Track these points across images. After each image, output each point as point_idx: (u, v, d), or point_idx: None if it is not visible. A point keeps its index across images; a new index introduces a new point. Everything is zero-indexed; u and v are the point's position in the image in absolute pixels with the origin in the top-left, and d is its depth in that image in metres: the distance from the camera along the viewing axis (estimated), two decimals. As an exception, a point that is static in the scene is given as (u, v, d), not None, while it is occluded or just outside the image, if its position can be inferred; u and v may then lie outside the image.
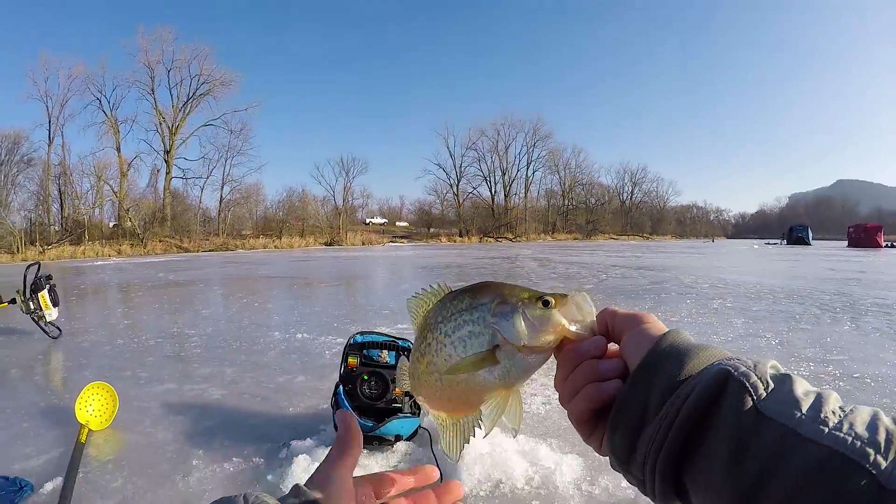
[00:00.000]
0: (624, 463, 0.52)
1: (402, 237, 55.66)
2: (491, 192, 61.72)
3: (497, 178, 62.15)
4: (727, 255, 24.71)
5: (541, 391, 3.98)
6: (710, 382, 0.46)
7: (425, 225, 61.50)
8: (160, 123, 46.95)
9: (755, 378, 0.45)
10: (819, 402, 0.42)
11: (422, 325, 0.66)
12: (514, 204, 62.45)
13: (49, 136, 42.01)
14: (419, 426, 3.05)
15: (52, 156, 42.23)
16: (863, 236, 32.40)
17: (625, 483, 2.69)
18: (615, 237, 62.74)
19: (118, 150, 44.87)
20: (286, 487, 2.59)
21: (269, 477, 2.73)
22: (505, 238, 54.55)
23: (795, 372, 0.47)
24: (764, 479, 0.40)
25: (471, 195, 62.15)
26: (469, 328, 0.60)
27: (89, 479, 2.71)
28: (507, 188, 62.27)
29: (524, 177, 63.79)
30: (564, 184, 65.79)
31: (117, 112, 45.57)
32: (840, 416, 0.40)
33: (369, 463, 2.86)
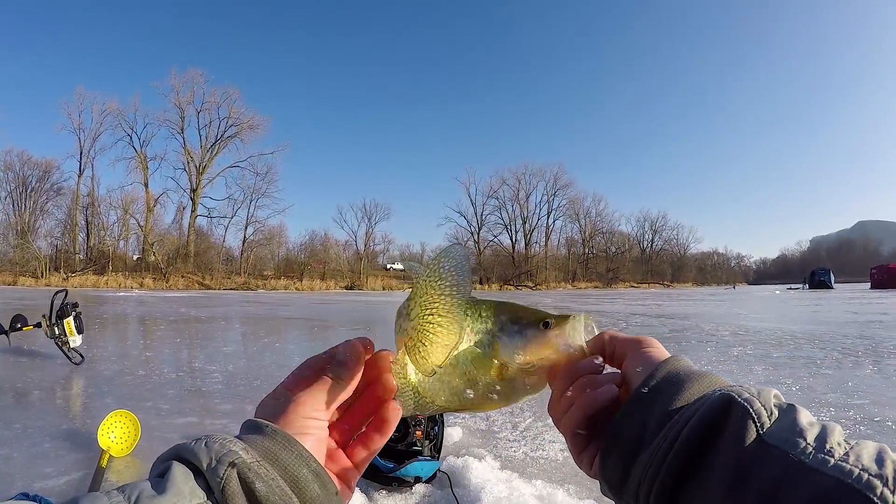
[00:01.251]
0: (615, 489, 0.51)
1: (422, 284, 55.30)
2: (511, 240, 62.13)
3: (518, 226, 62.63)
4: (748, 301, 24.46)
5: (559, 437, 3.97)
6: (712, 407, 0.45)
7: (446, 273, 61.37)
8: (188, 162, 48.27)
9: (759, 405, 0.45)
10: (824, 433, 0.42)
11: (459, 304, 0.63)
12: (535, 252, 62.63)
13: (79, 168, 43.50)
14: (438, 469, 3.07)
15: (82, 187, 43.70)
16: (886, 277, 31.81)
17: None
18: (635, 285, 62.12)
19: (146, 185, 46.25)
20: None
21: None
22: (525, 286, 54.32)
23: (814, 415, 0.51)
24: None
25: (491, 243, 62.52)
26: (486, 336, 0.61)
27: None
28: (528, 236, 62.63)
29: (545, 225, 64.19)
30: (585, 232, 65.89)
31: (147, 149, 47.14)
32: (846, 448, 0.40)
33: (387, 503, 2.89)
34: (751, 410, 0.44)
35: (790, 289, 39.52)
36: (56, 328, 6.04)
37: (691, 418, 0.46)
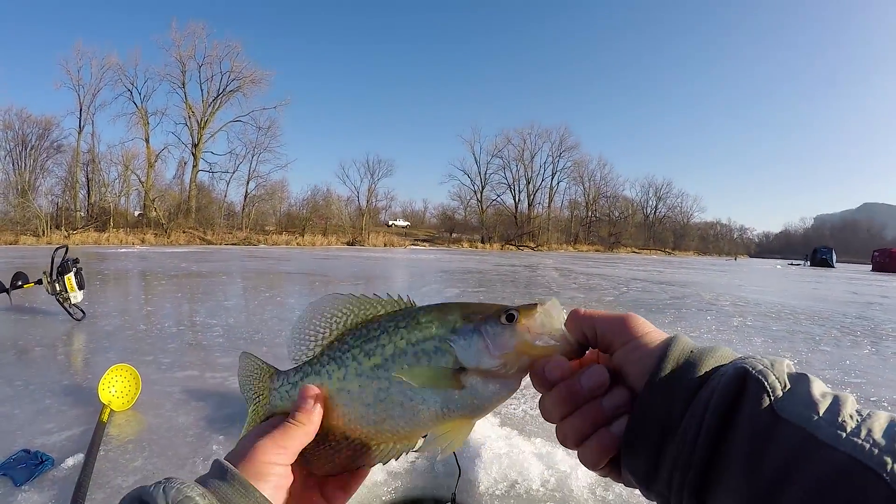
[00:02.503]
0: (644, 482, 0.49)
1: (423, 241, 55.59)
2: (514, 200, 61.57)
3: (521, 186, 62.07)
4: (749, 273, 24.44)
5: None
6: (729, 382, 0.45)
7: (447, 230, 61.50)
8: (189, 117, 47.49)
9: (773, 378, 0.44)
10: (836, 404, 0.41)
11: (366, 323, 0.62)
12: (538, 213, 62.26)
13: (79, 124, 42.73)
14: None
15: (82, 143, 42.96)
16: (888, 261, 31.65)
17: (638, 491, 2.70)
18: (637, 251, 62.16)
19: (147, 141, 45.53)
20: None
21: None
22: (527, 246, 54.33)
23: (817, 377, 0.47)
24: (779, 484, 0.39)
25: (494, 202, 62.06)
26: (433, 343, 0.55)
27: (110, 457, 2.75)
28: (531, 197, 62.07)
29: (548, 186, 63.62)
30: (588, 195, 65.38)
31: (148, 104, 46.29)
32: (857, 421, 0.40)
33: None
34: (766, 384, 0.44)
35: (791, 264, 39.54)
36: (57, 284, 6.06)
37: (710, 399, 0.45)
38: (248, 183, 50.04)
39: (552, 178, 63.50)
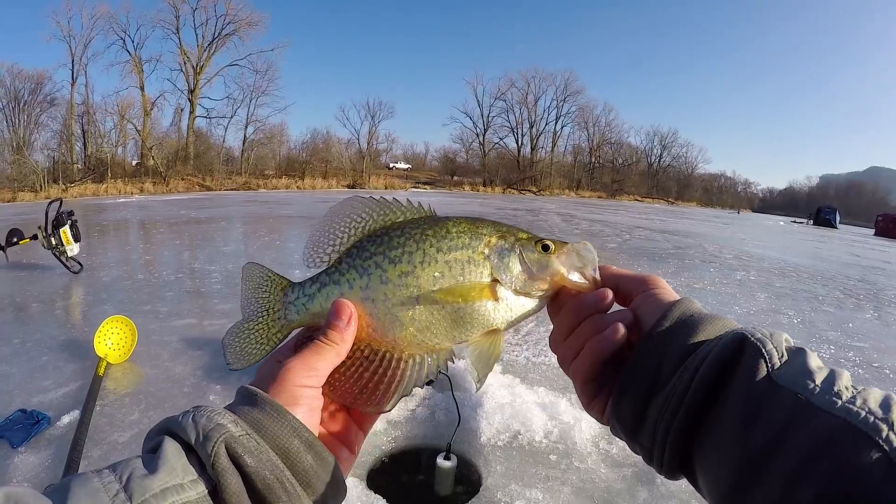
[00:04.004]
0: (630, 431, 0.51)
1: (425, 183, 55.17)
2: (517, 143, 60.47)
3: (524, 130, 60.83)
4: (752, 228, 24.34)
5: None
6: (726, 346, 0.46)
7: (449, 173, 61.00)
8: (185, 63, 46.31)
9: (771, 346, 0.46)
10: (832, 376, 0.42)
11: (386, 229, 0.60)
12: (540, 157, 61.38)
13: (72, 76, 41.69)
14: (439, 371, 3.03)
15: (76, 95, 41.98)
16: (891, 226, 31.32)
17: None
18: (640, 199, 61.65)
19: (142, 89, 44.50)
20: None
21: (288, 416, 2.77)
22: (529, 191, 53.90)
23: (814, 351, 0.45)
24: (773, 446, 0.40)
25: (497, 146, 61.08)
26: (467, 253, 0.55)
27: (105, 412, 2.74)
28: (534, 141, 60.94)
29: (552, 131, 62.34)
30: (592, 141, 64.28)
31: (141, 51, 45.04)
32: (853, 392, 0.41)
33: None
34: (763, 351, 0.45)
35: (795, 222, 39.19)
36: (52, 238, 5.93)
37: (706, 358, 0.46)
38: (246, 127, 49.21)
39: (556, 123, 62.35)
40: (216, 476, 0.43)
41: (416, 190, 46.04)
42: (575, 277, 0.55)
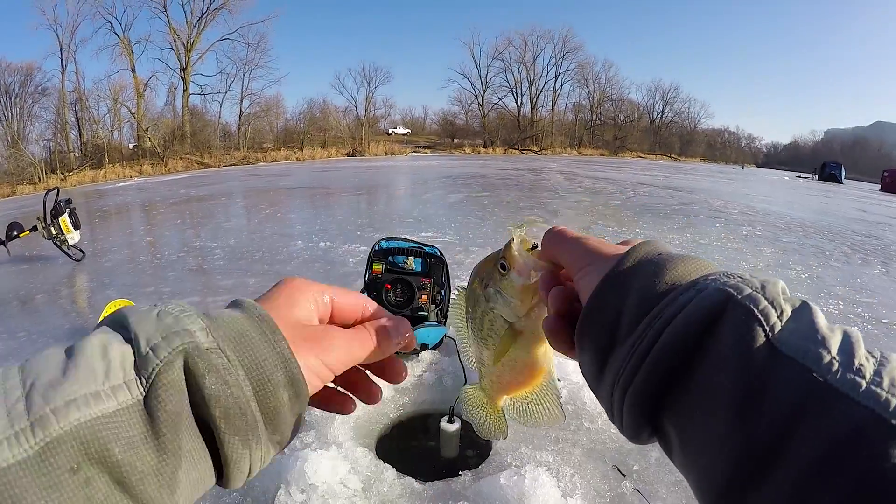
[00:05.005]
0: (591, 385, 0.43)
1: (425, 147, 54.60)
2: (517, 103, 59.46)
3: (523, 89, 59.69)
4: (757, 183, 24.13)
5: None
6: (702, 305, 0.35)
7: (449, 135, 60.39)
8: (175, 41, 45.26)
9: (765, 303, 0.34)
10: (848, 342, 0.32)
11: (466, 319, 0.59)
12: (541, 116, 60.53)
13: (62, 64, 40.90)
14: (445, 335, 3.00)
15: (67, 83, 41.25)
16: None
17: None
18: (642, 156, 60.99)
19: (133, 71, 43.63)
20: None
21: (294, 389, 2.77)
22: (530, 150, 53.40)
23: (821, 307, 0.32)
24: (784, 439, 0.30)
25: (496, 106, 60.07)
26: (488, 317, 0.54)
27: None
28: (534, 100, 59.82)
29: (552, 89, 61.20)
30: (593, 98, 63.07)
31: (130, 33, 44.00)
32: (875, 365, 0.30)
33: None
34: (755, 312, 0.33)
35: (799, 177, 38.62)
36: (52, 228, 5.88)
37: (677, 315, 0.35)
38: (241, 101, 48.35)
39: (555, 81, 61.13)
40: (156, 392, 0.33)
41: (416, 154, 45.72)
42: (534, 278, 0.51)
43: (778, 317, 0.33)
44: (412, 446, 2.54)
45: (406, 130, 64.69)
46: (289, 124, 52.23)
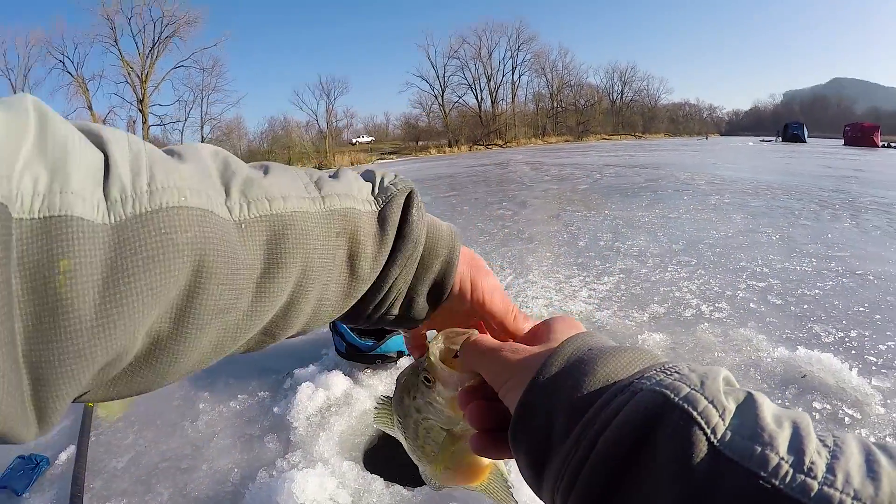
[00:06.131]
0: (533, 489, 0.40)
1: (390, 153, 54.58)
2: (477, 99, 60.17)
3: (482, 85, 60.48)
4: (722, 151, 24.35)
5: (542, 293, 3.92)
6: (638, 409, 0.33)
7: (413, 139, 60.53)
8: (129, 74, 45.51)
9: (705, 403, 0.32)
10: (798, 438, 0.29)
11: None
12: (502, 109, 61.00)
13: None
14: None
15: None
16: (859, 135, 31.53)
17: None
18: (607, 137, 61.77)
19: (90, 108, 43.99)
20: (293, 418, 2.58)
21: (276, 409, 2.71)
22: (495, 145, 53.73)
23: (794, 267, 0.26)
24: None
25: (457, 104, 60.65)
26: (423, 426, 0.54)
27: (101, 440, 2.69)
28: (494, 94, 60.57)
29: (510, 82, 62.16)
30: (552, 86, 64.01)
31: (83, 70, 44.26)
32: (827, 459, 0.28)
33: (373, 382, 2.82)
34: (694, 414, 0.31)
35: (763, 141, 39.32)
36: None
37: (611, 421, 0.33)
38: (202, 127, 49.23)
39: (513, 73, 62.07)
40: (388, 205, 0.49)
41: (382, 161, 45.57)
42: (457, 390, 0.49)
43: (720, 416, 0.31)
44: (400, 454, 2.48)
45: (370, 138, 64.59)
46: (252, 145, 52.60)
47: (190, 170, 0.36)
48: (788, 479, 0.27)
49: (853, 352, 2.83)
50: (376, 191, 0.49)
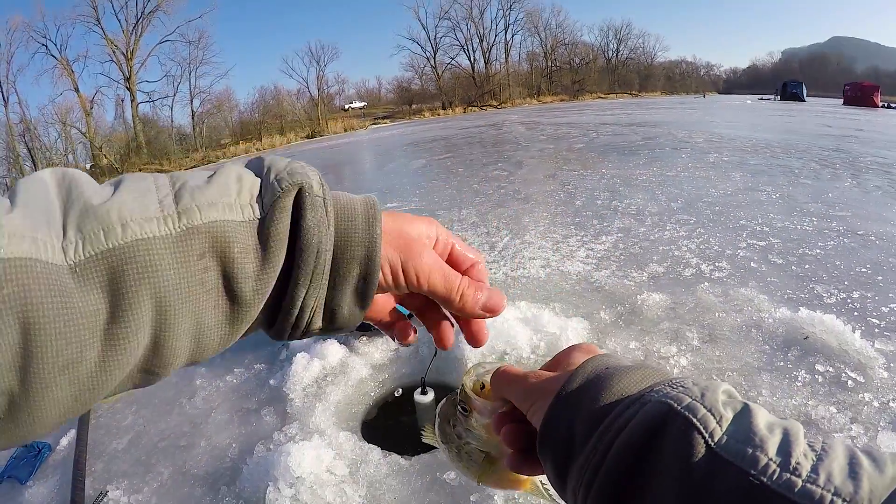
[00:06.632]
0: (559, 493, 0.44)
1: (384, 118, 54.03)
2: (470, 60, 59.03)
3: (475, 45, 59.31)
4: (720, 109, 24.12)
5: (539, 254, 3.88)
6: (646, 417, 0.38)
7: (406, 102, 59.82)
8: (114, 52, 44.16)
9: (703, 411, 0.37)
10: (787, 442, 0.34)
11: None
12: (496, 70, 60.13)
13: (3, 97, 40.08)
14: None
15: (11, 115, 40.59)
16: (859, 95, 31.11)
17: (633, 345, 2.64)
18: (603, 96, 61.03)
19: (77, 90, 42.65)
20: (289, 389, 2.56)
21: (272, 381, 2.70)
22: (490, 105, 53.16)
23: (795, 226, 0.27)
24: None
25: (450, 66, 59.60)
26: (465, 450, 0.58)
27: (101, 423, 2.70)
28: (487, 55, 59.48)
29: (503, 41, 60.94)
30: (546, 45, 62.84)
31: (67, 52, 42.89)
32: (813, 461, 0.32)
33: (369, 350, 2.81)
34: (694, 420, 0.36)
35: (762, 99, 38.75)
36: None
37: (623, 429, 0.38)
38: (191, 101, 47.74)
39: (506, 33, 60.72)
40: (272, 210, 0.40)
41: (375, 126, 45.23)
42: (491, 417, 0.53)
43: (717, 423, 0.35)
44: (401, 422, 2.49)
45: (363, 104, 63.82)
46: (243, 116, 52.00)
47: (19, 211, 0.32)
48: (776, 476, 0.31)
49: (856, 313, 2.79)
50: (263, 189, 0.41)
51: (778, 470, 0.32)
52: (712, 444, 0.34)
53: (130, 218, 0.35)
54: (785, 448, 0.33)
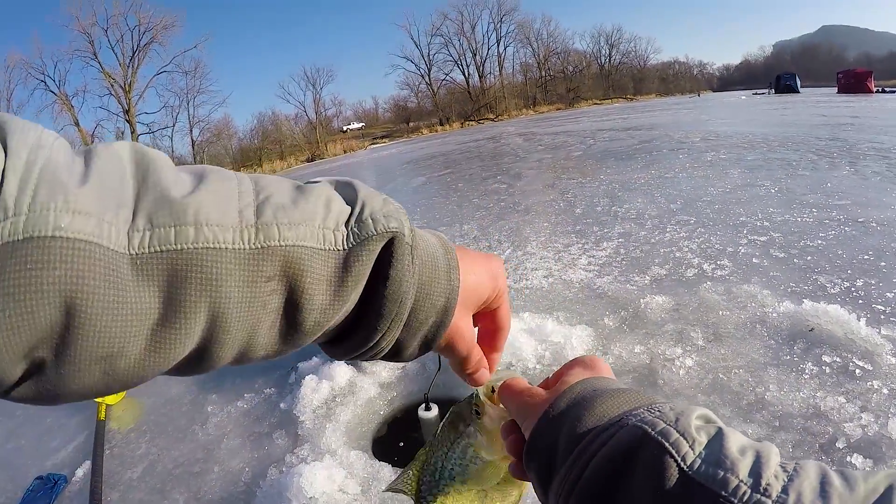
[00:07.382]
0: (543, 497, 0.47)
1: (382, 137, 54.42)
2: (464, 75, 59.79)
3: (468, 59, 60.15)
4: (715, 108, 24.13)
5: (541, 264, 3.88)
6: (621, 441, 0.40)
7: (404, 121, 60.23)
8: (112, 85, 45.11)
9: (676, 435, 0.38)
10: (759, 464, 0.35)
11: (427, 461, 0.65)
12: (490, 83, 60.61)
13: None
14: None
15: None
16: (853, 82, 31.04)
17: (637, 349, 2.64)
18: (598, 102, 61.27)
19: (76, 124, 43.51)
20: (299, 412, 2.58)
21: (282, 405, 2.72)
22: (486, 119, 53.41)
23: (795, 218, 0.27)
24: None
25: (444, 82, 60.28)
26: (470, 451, 0.61)
27: (115, 453, 2.71)
28: (481, 68, 60.22)
29: (496, 54, 61.68)
30: (539, 55, 63.49)
31: (66, 87, 43.81)
32: (784, 481, 0.34)
33: (377, 369, 2.82)
34: (666, 445, 0.38)
35: (756, 94, 38.76)
36: None
37: (597, 453, 0.40)
38: (191, 131, 48.77)
39: (498, 45, 61.55)
40: (360, 248, 0.39)
41: (374, 146, 45.40)
42: (501, 422, 0.57)
43: (690, 447, 0.37)
44: (411, 438, 2.50)
45: (360, 124, 64.24)
46: (243, 143, 52.52)
47: (91, 187, 0.30)
48: (746, 497, 0.33)
49: (860, 301, 2.79)
50: (352, 221, 0.40)
51: (749, 491, 0.33)
52: (685, 467, 0.36)
53: (206, 222, 0.33)
54: (756, 470, 0.34)
